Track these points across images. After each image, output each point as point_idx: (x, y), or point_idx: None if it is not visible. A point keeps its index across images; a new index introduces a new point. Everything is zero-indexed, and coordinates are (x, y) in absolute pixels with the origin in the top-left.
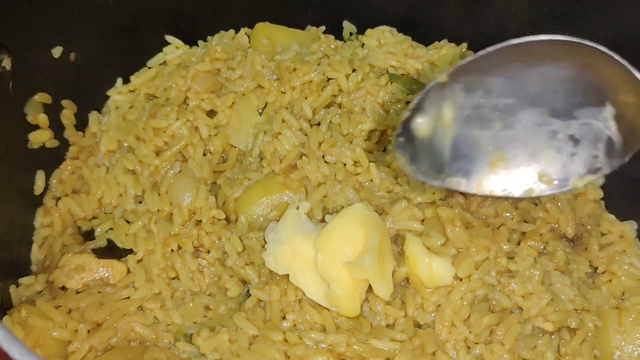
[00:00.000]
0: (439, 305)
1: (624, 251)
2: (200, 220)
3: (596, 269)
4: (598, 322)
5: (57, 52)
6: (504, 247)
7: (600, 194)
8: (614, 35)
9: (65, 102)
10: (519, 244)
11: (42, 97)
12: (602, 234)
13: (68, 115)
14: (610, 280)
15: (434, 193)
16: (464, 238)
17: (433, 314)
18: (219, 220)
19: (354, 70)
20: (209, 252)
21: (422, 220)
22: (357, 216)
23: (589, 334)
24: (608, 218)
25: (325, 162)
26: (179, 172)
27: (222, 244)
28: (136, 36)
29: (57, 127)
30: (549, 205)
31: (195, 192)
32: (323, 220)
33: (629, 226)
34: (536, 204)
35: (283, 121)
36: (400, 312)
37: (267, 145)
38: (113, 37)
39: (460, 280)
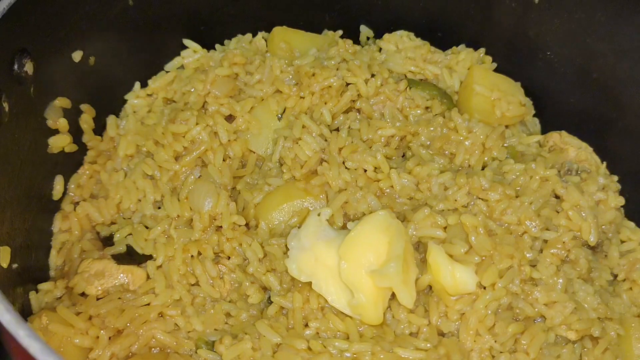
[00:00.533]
0: (463, 313)
1: None
2: (221, 226)
3: (616, 276)
4: (620, 330)
5: (77, 56)
6: (527, 255)
7: (622, 201)
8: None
9: (84, 107)
10: (541, 251)
11: (62, 102)
12: (622, 242)
13: (87, 119)
14: (630, 288)
15: (456, 200)
16: (487, 246)
17: (457, 323)
18: (240, 226)
19: (372, 76)
20: (229, 258)
21: (445, 228)
22: (381, 223)
23: (612, 343)
24: (628, 225)
25: (346, 168)
26: (199, 177)
27: (243, 250)
28: (154, 40)
29: (75, 132)
30: (571, 212)
31: (216, 197)
32: (344, 227)
33: None
34: (558, 212)
35: (303, 127)
36: (423, 320)
37: (288, 151)
38: (132, 40)
39: (485, 288)
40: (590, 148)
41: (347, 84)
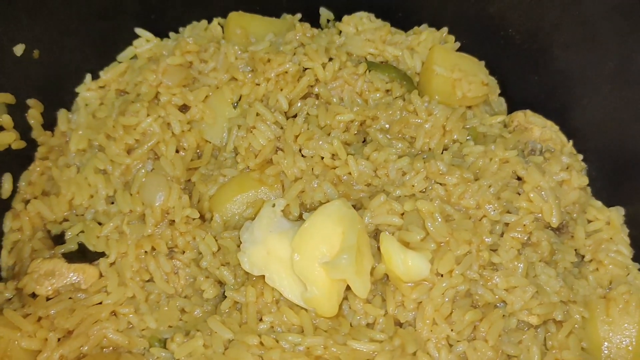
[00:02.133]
0: (420, 302)
1: (611, 238)
2: (174, 220)
3: (583, 257)
4: (585, 313)
5: (19, 49)
6: (486, 239)
7: (586, 181)
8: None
9: (30, 101)
10: (502, 235)
11: (4, 98)
12: (589, 221)
13: (34, 114)
14: (597, 269)
15: (413, 186)
16: (444, 232)
17: (414, 312)
18: (193, 219)
19: (330, 59)
20: (183, 252)
21: (402, 214)
22: (335, 214)
23: (576, 326)
24: (594, 204)
25: (302, 156)
26: (151, 170)
27: (197, 244)
28: (105, 30)
29: (23, 128)
30: (532, 194)
31: (167, 191)
32: (300, 218)
33: (616, 212)
34: (519, 194)
35: (257, 114)
36: (380, 310)
37: (242, 140)
38: (80, 31)
39: (442, 276)
40: (555, 127)
41: (305, 69)
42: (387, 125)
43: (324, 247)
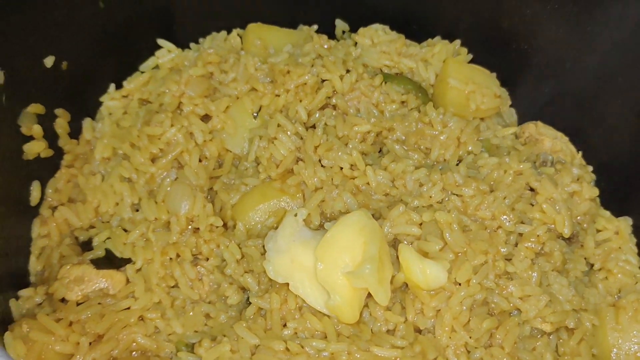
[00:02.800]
0: (439, 310)
1: (620, 247)
2: (198, 228)
3: (592, 266)
4: (595, 320)
5: (49, 61)
6: (502, 250)
7: (596, 192)
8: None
9: (58, 111)
10: (516, 245)
11: (35, 108)
12: (598, 231)
13: (62, 123)
14: (606, 278)
15: (430, 196)
16: (461, 242)
17: (433, 319)
18: (217, 227)
19: (347, 71)
20: (207, 259)
21: (420, 224)
22: (356, 224)
23: (587, 333)
24: (603, 215)
25: (322, 166)
26: (175, 179)
27: (221, 252)
28: (128, 41)
29: (51, 136)
30: (545, 205)
31: (192, 199)
32: (321, 227)
33: (624, 222)
34: (532, 205)
35: (278, 125)
36: (400, 317)
37: (263, 151)
38: (105, 43)
39: (460, 285)
40: (565, 138)
41: (322, 81)
42: (403, 137)
43: (346, 257)
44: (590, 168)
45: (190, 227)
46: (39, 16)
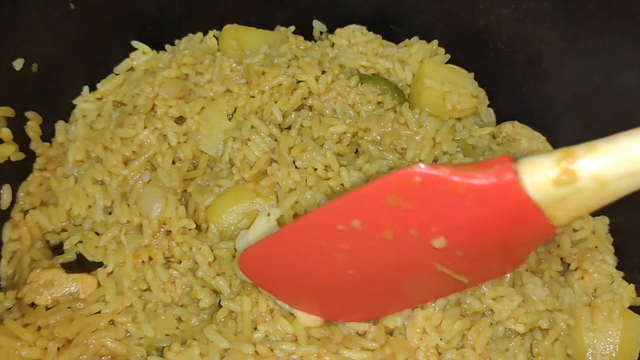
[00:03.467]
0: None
1: (596, 247)
2: (170, 231)
3: (569, 265)
4: (570, 320)
5: (18, 64)
6: None
7: None
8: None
9: (29, 114)
10: None
11: (4, 111)
12: (575, 230)
13: (33, 126)
14: (582, 278)
15: None
16: None
17: (405, 321)
18: (190, 230)
19: (323, 72)
20: (180, 262)
21: None
22: None
23: (561, 334)
24: None
25: (296, 167)
26: (148, 181)
27: (193, 255)
28: (102, 43)
29: (22, 139)
30: None
31: (164, 202)
32: None
33: (601, 222)
34: None
35: (252, 127)
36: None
37: (237, 152)
38: (77, 44)
39: None
40: (542, 137)
41: (298, 82)
42: (378, 137)
43: None
44: None
45: (162, 229)
46: (6, 19)
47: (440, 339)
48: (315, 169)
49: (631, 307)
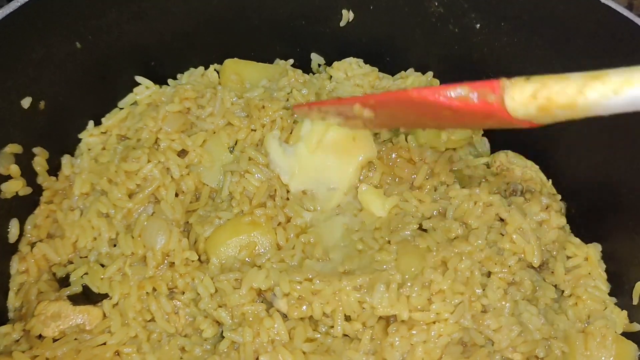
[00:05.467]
0: (412, 344)
1: (589, 273)
2: (174, 262)
3: (563, 292)
4: (565, 348)
5: (26, 102)
6: (477, 291)
7: (564, 221)
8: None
9: (36, 150)
10: (489, 275)
11: (12, 148)
12: (568, 257)
13: (40, 162)
14: (576, 304)
15: None
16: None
17: (405, 354)
18: (192, 261)
19: None
20: (183, 293)
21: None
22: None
23: None
24: (573, 241)
25: None
26: (152, 214)
27: (196, 286)
28: (106, 78)
29: (29, 174)
30: (514, 236)
31: (168, 234)
32: None
33: (594, 248)
34: (503, 235)
35: (250, 159)
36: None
37: (236, 185)
38: (83, 81)
39: (434, 323)
40: (535, 166)
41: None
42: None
43: None
44: (559, 197)
45: (166, 261)
46: (14, 57)
47: None
48: None
49: (624, 334)
